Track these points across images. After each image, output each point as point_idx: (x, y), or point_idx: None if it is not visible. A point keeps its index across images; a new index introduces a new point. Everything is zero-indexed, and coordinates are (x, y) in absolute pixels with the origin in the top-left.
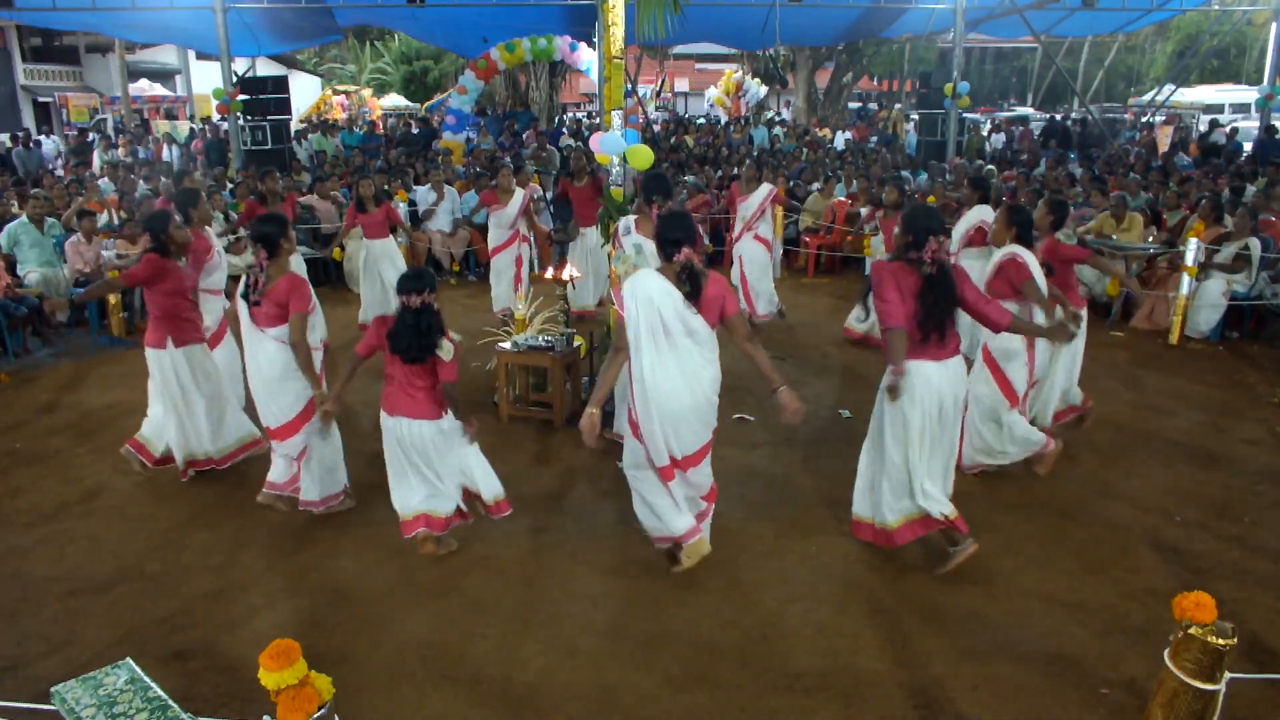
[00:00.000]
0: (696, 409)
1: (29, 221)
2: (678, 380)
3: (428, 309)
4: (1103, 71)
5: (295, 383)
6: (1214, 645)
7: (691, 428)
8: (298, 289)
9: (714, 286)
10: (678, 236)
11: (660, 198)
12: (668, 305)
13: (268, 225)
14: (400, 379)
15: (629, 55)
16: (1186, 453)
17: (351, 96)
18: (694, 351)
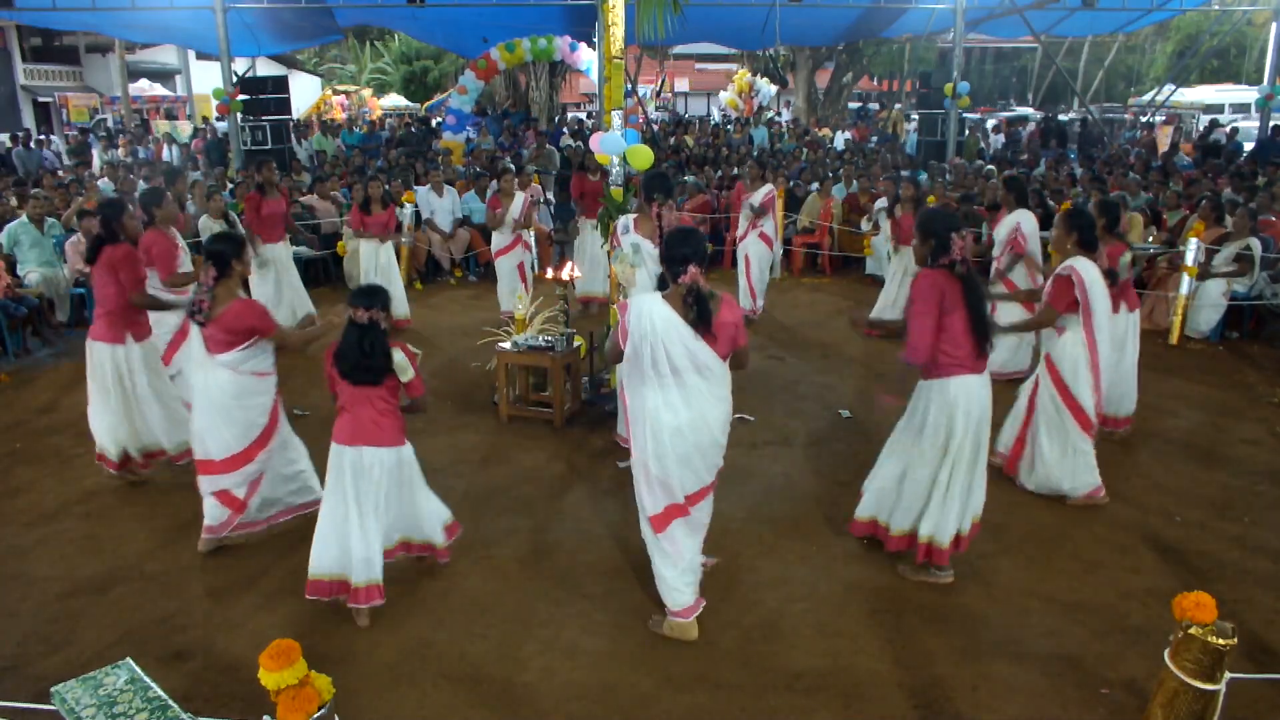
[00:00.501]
0: (700, 449)
1: (29, 221)
2: (683, 418)
3: (373, 327)
4: (1103, 71)
5: (248, 410)
6: (1214, 645)
7: (695, 468)
8: (247, 315)
9: (728, 312)
10: (683, 253)
11: (661, 196)
12: (674, 338)
13: (221, 243)
14: (354, 404)
15: (629, 55)
16: (1186, 453)
17: (351, 96)
18: (703, 389)
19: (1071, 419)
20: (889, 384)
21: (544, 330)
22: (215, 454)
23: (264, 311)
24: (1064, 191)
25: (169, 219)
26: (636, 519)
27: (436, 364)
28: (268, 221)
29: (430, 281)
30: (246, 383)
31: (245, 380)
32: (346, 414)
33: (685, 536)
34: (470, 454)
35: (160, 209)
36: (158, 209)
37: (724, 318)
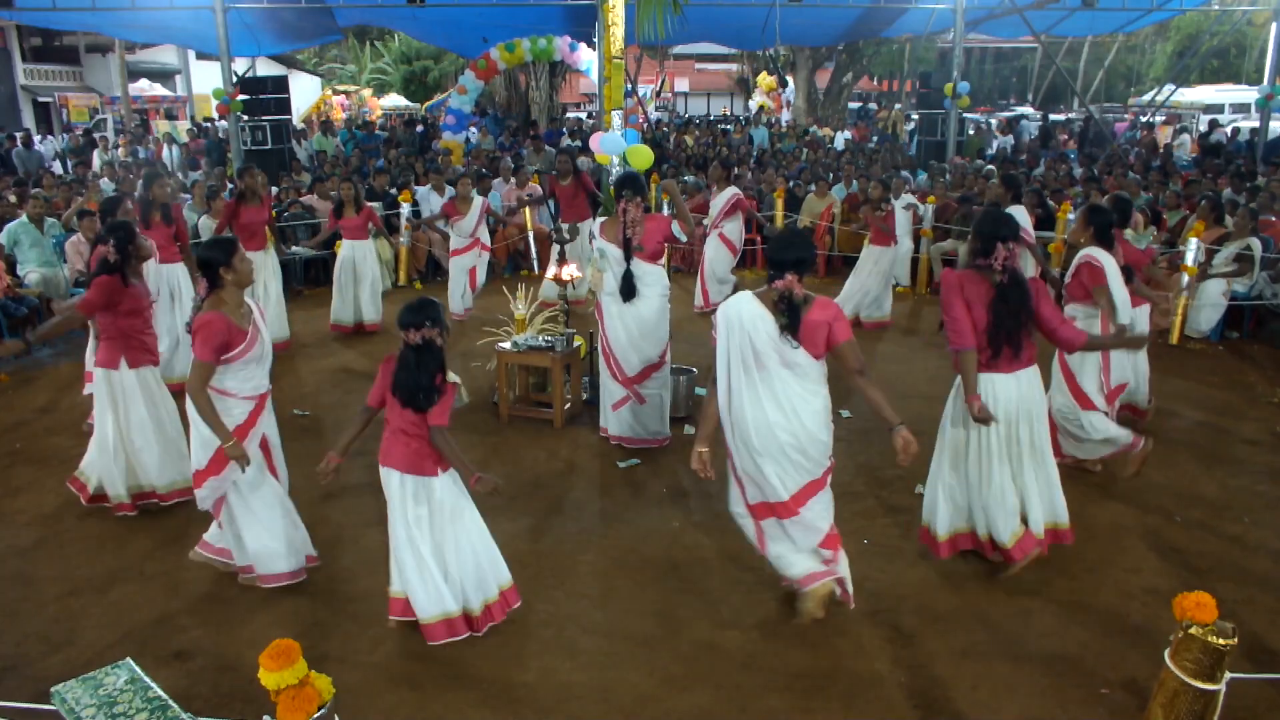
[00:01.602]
0: (797, 444)
1: (29, 221)
2: (772, 412)
3: (429, 346)
4: (1103, 71)
5: (201, 429)
6: (1214, 645)
7: (791, 463)
8: (201, 331)
9: (818, 312)
10: (786, 258)
11: (629, 193)
12: (760, 332)
13: (208, 250)
14: (397, 426)
15: (629, 55)
16: (1186, 453)
17: (351, 96)
18: (791, 381)
19: (1072, 397)
20: (889, 385)
21: (544, 330)
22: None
23: (213, 335)
24: (1063, 191)
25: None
26: (636, 518)
27: None
28: (245, 230)
29: (430, 281)
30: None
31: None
32: (388, 431)
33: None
34: (470, 454)
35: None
36: (113, 219)
37: (812, 317)
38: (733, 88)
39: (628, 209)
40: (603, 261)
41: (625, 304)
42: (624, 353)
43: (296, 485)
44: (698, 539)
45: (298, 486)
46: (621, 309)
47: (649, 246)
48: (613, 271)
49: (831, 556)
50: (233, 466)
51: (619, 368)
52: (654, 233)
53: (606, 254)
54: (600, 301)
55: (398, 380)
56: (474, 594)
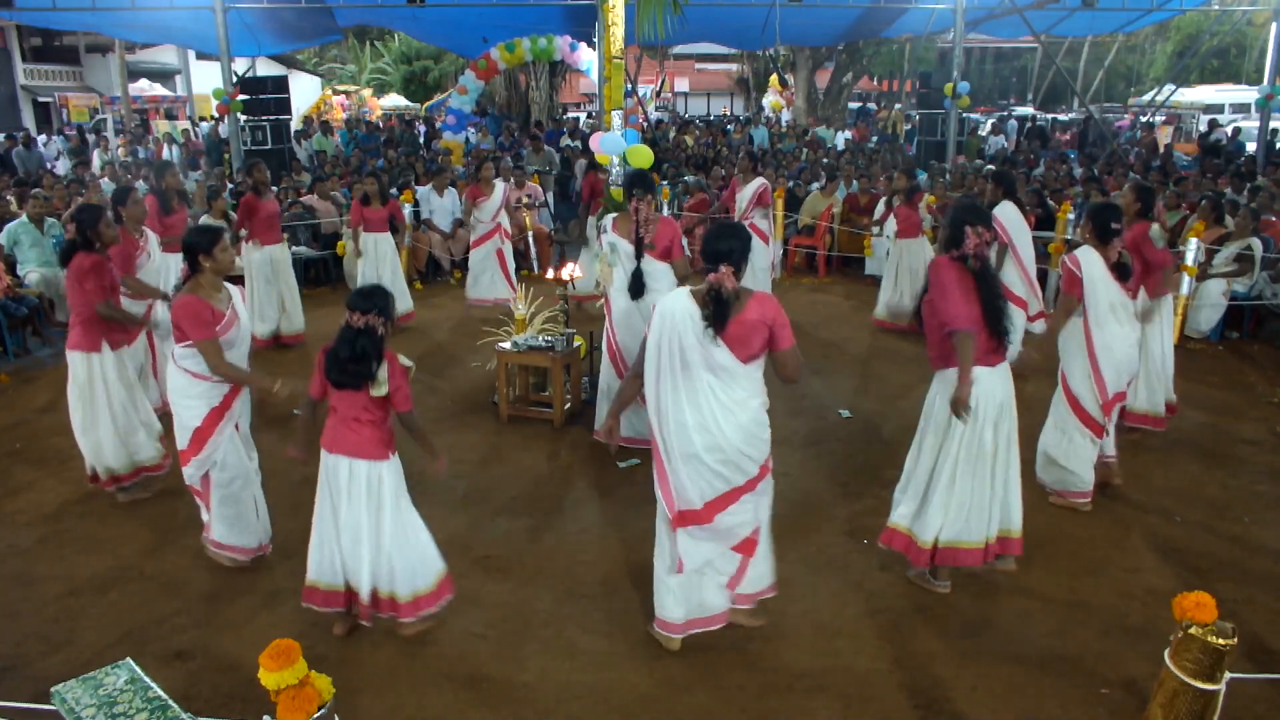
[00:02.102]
0: (719, 454)
1: (29, 221)
2: (691, 416)
3: (368, 332)
4: (1103, 71)
5: (179, 408)
6: (1214, 645)
7: (710, 470)
8: (178, 311)
9: (755, 310)
10: (717, 249)
11: (640, 192)
12: (688, 331)
13: (192, 236)
14: (342, 410)
15: (629, 55)
16: (1186, 453)
17: (351, 96)
18: (716, 388)
19: (1070, 411)
20: (892, 384)
21: (544, 330)
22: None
23: (197, 315)
24: (1063, 191)
25: (136, 218)
26: (636, 519)
27: (436, 363)
28: (265, 223)
29: (430, 281)
30: (180, 380)
31: (179, 376)
32: (333, 417)
33: (693, 544)
34: (470, 454)
35: (127, 208)
36: (123, 208)
37: (747, 316)
38: (733, 88)
39: (640, 207)
40: (613, 256)
41: (634, 301)
42: (631, 351)
43: (297, 485)
44: None
45: (298, 486)
46: (630, 306)
47: (660, 245)
48: (623, 268)
49: (740, 565)
50: (212, 445)
51: (625, 365)
52: (665, 233)
53: (618, 249)
54: (609, 298)
55: (328, 362)
56: (406, 581)
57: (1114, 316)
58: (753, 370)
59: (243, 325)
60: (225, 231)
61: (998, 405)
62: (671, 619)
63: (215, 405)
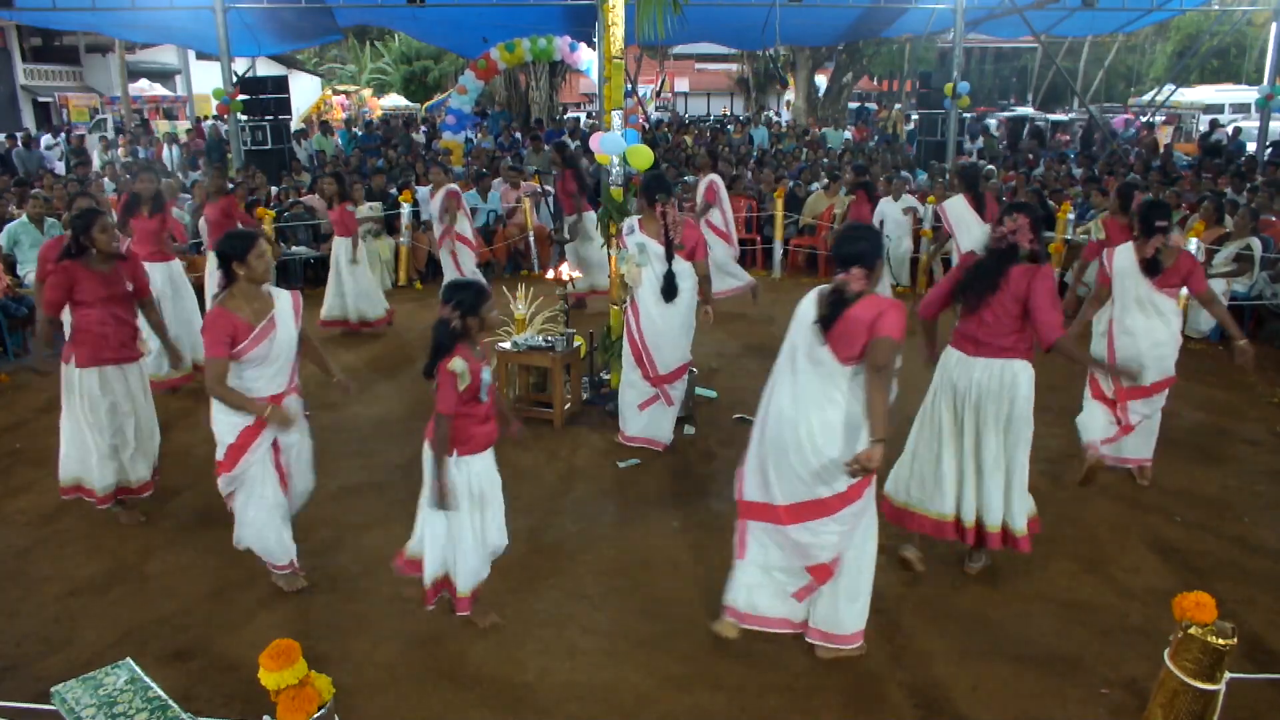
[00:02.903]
0: (797, 446)
1: (29, 221)
2: (786, 407)
3: (442, 325)
4: (1103, 71)
5: (219, 425)
6: (1214, 645)
7: (793, 471)
8: (207, 325)
9: (860, 309)
10: (850, 252)
11: (663, 196)
12: (803, 327)
13: (226, 242)
14: None
15: (629, 55)
16: (1186, 453)
17: (351, 96)
18: (814, 385)
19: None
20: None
21: (544, 330)
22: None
23: (216, 331)
24: (1063, 191)
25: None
26: (637, 519)
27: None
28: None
29: (430, 281)
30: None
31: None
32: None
33: (759, 539)
34: None
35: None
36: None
37: (852, 314)
38: (733, 88)
39: (666, 210)
40: (642, 257)
41: (667, 303)
42: (660, 351)
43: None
44: (698, 539)
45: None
46: (660, 308)
47: (688, 246)
48: (654, 269)
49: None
50: (245, 463)
51: (652, 366)
52: (690, 236)
53: (648, 250)
54: (635, 299)
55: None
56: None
57: (1140, 310)
58: (851, 372)
59: (280, 337)
60: (260, 236)
61: (977, 392)
62: (732, 603)
63: (250, 423)
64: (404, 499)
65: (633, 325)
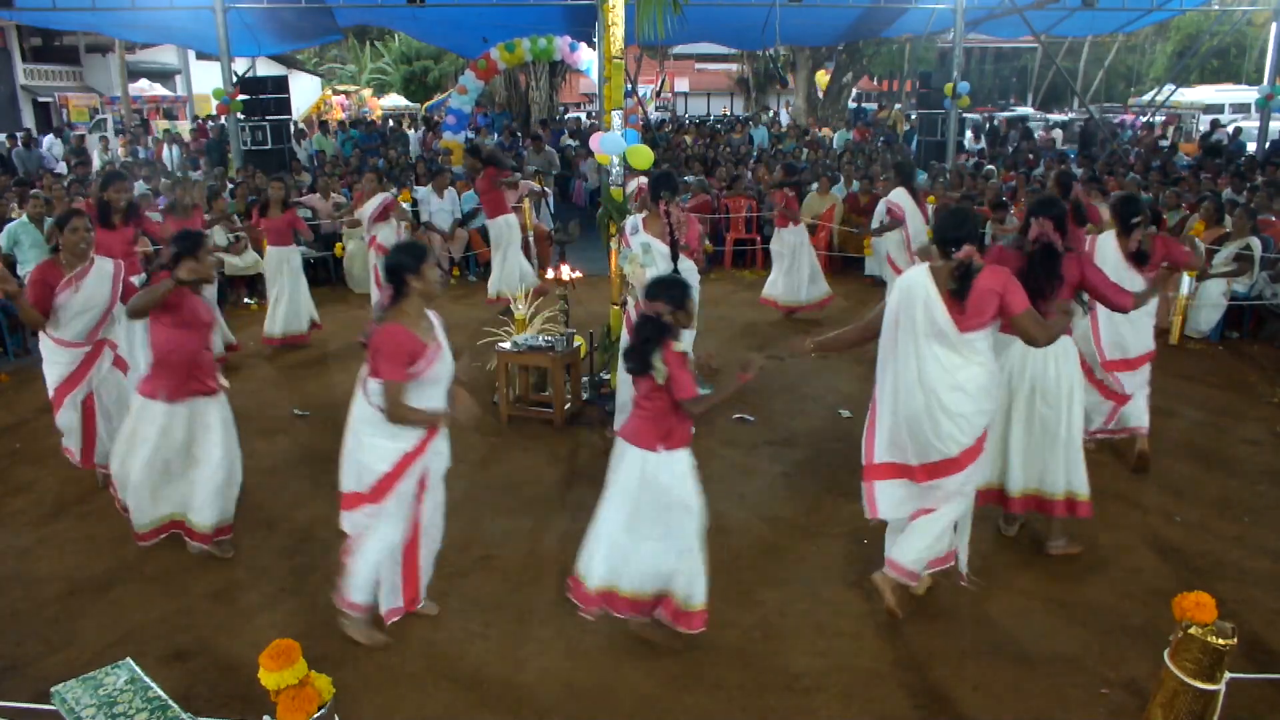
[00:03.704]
0: (930, 415)
1: (29, 221)
2: (915, 377)
3: (649, 320)
4: (1103, 71)
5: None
6: (1214, 645)
7: (926, 436)
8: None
9: (988, 279)
10: (956, 236)
11: (668, 194)
12: (918, 302)
13: (397, 254)
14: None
15: (629, 55)
16: (1186, 453)
17: (351, 96)
18: (940, 357)
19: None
20: None
21: (544, 330)
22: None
23: (398, 351)
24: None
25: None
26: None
27: None
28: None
29: None
30: (372, 414)
31: (368, 409)
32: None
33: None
34: (470, 454)
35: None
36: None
37: (980, 284)
38: (733, 88)
39: (670, 210)
40: (646, 257)
41: None
42: None
43: (301, 485)
44: None
45: (301, 487)
46: None
47: (693, 245)
48: (658, 269)
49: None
50: (396, 496)
51: None
52: (694, 233)
53: (653, 249)
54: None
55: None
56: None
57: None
58: (972, 339)
59: (446, 358)
60: (431, 251)
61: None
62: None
63: (412, 448)
64: None
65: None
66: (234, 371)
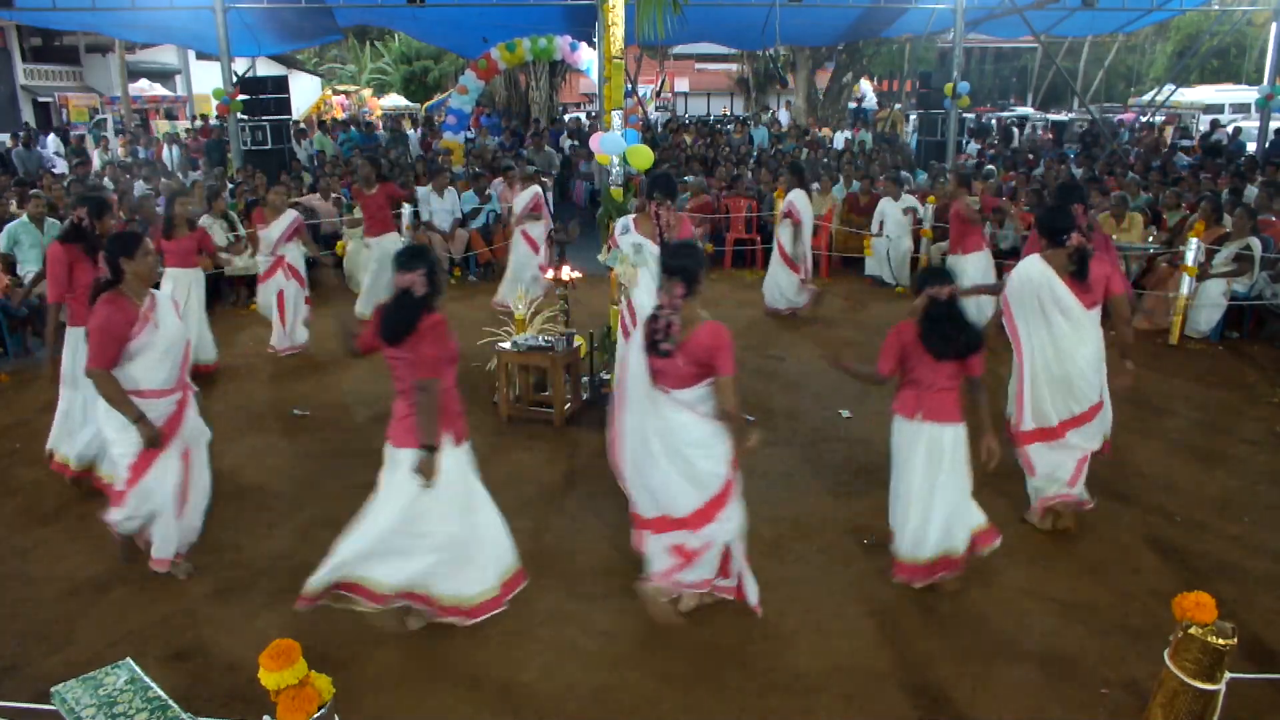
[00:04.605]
0: (1066, 378)
1: (29, 221)
2: (1049, 352)
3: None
4: (1103, 71)
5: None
6: (1214, 645)
7: (1062, 395)
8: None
9: (1099, 265)
10: (1059, 227)
11: (660, 195)
12: (1044, 286)
13: (685, 257)
14: (929, 379)
15: (629, 55)
16: (1186, 453)
17: (351, 96)
18: (1067, 329)
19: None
20: None
21: (544, 330)
22: (676, 509)
23: (731, 342)
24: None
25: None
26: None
27: None
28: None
29: None
30: (706, 428)
31: (704, 424)
32: (917, 389)
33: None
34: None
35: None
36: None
37: (1094, 269)
38: (733, 88)
39: (660, 211)
40: (638, 257)
41: None
42: None
43: (301, 485)
44: None
45: (301, 486)
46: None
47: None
48: (649, 270)
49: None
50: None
51: None
52: (686, 234)
53: (644, 249)
54: (632, 299)
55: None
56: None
57: None
58: (1094, 315)
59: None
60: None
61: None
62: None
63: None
64: None
65: (630, 326)
66: (235, 371)
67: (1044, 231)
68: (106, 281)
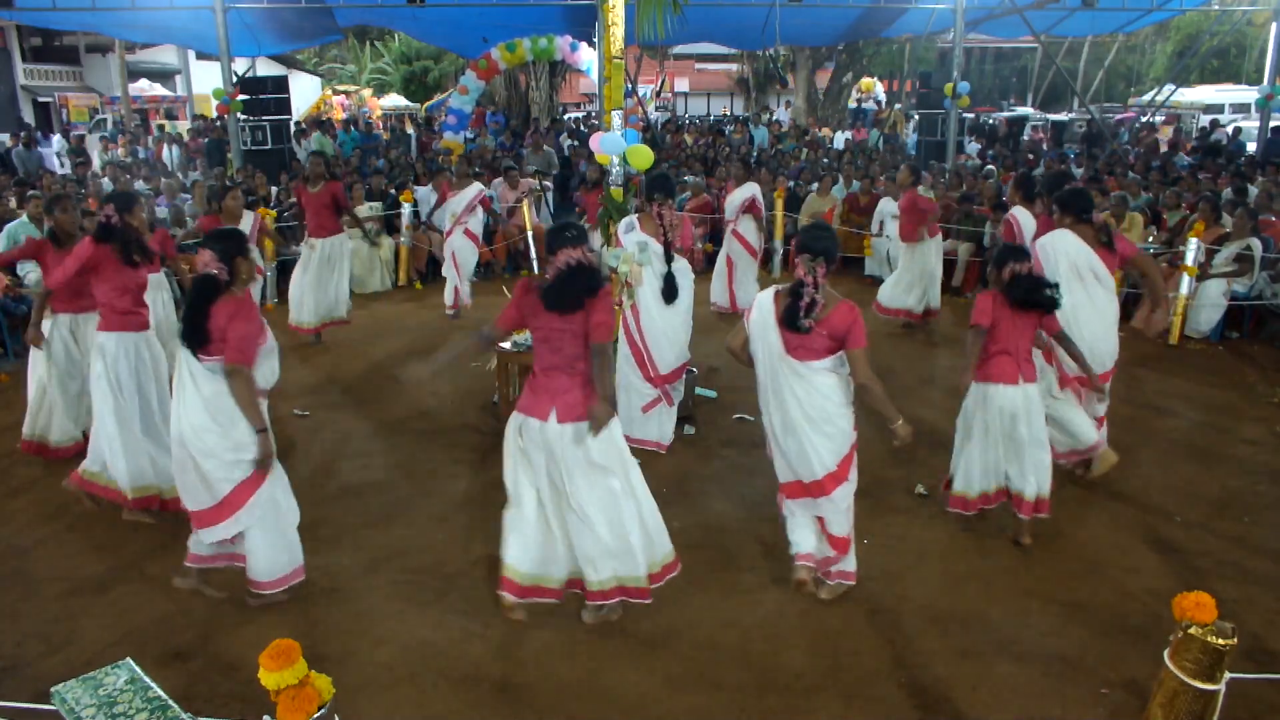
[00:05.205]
0: (1104, 334)
1: (29, 221)
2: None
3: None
4: (1103, 71)
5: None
6: (1214, 645)
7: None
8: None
9: (1121, 240)
10: (1089, 205)
11: (661, 196)
12: (1081, 255)
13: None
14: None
15: (629, 55)
16: (1186, 453)
17: (351, 96)
18: (1103, 293)
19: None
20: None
21: None
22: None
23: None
24: None
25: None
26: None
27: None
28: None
29: (430, 281)
30: (844, 387)
31: (842, 384)
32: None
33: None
34: (470, 454)
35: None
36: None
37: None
38: (733, 88)
39: (663, 212)
40: (643, 256)
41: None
42: (661, 351)
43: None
44: (698, 539)
45: (299, 486)
46: (663, 308)
47: (686, 247)
48: (654, 270)
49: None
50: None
51: (654, 366)
52: (688, 235)
53: (649, 249)
54: (636, 299)
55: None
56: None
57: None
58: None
59: None
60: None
61: None
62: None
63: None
64: (404, 498)
65: (633, 325)
66: None
67: (1068, 210)
68: (224, 282)
